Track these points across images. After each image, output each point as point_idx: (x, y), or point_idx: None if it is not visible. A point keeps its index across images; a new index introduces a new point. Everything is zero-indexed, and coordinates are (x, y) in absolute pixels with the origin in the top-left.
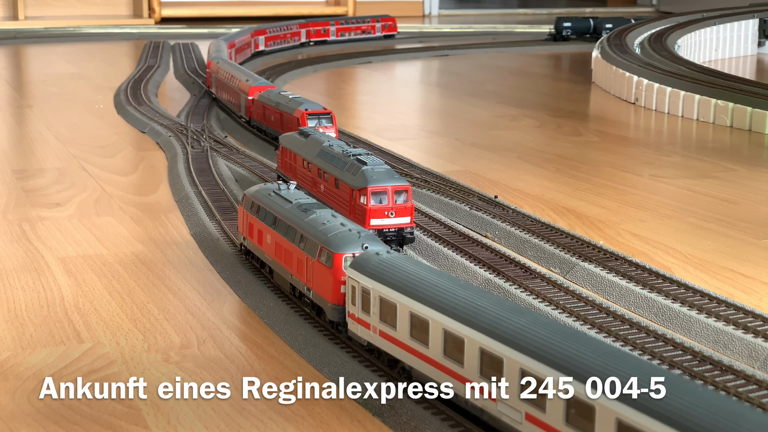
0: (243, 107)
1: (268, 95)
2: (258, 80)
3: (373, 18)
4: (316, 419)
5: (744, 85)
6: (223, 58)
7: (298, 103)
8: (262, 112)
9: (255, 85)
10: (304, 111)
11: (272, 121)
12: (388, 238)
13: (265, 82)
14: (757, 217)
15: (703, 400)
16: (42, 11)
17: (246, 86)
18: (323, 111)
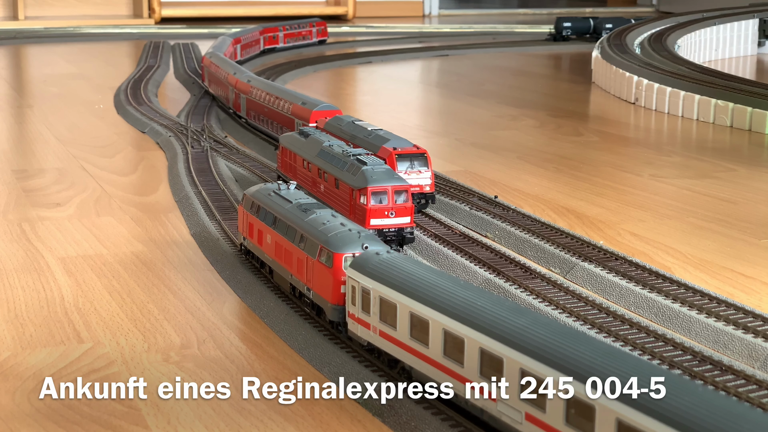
0: None
1: (339, 124)
2: (319, 103)
3: (309, 23)
4: (316, 419)
5: (744, 85)
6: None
7: (382, 139)
8: None
9: (318, 110)
10: (392, 150)
11: None
12: (388, 238)
13: (328, 106)
14: (757, 217)
15: (703, 400)
16: (42, 11)
17: (303, 110)
18: (416, 151)
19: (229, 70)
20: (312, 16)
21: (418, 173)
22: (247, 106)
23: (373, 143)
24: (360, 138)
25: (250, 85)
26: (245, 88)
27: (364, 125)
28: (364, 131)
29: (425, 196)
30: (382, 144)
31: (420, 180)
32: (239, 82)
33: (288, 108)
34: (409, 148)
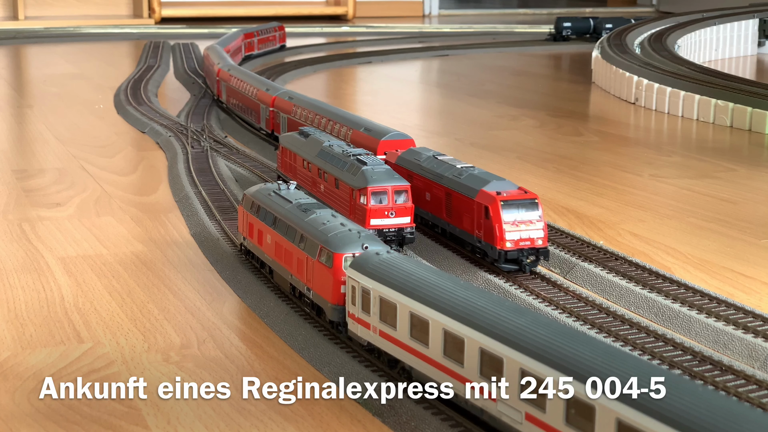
0: None
1: (417, 159)
2: (387, 131)
3: (274, 27)
4: (316, 419)
5: (744, 85)
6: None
7: (479, 180)
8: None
9: (387, 139)
10: (495, 196)
11: (430, 201)
12: (388, 238)
13: (399, 134)
14: (757, 217)
15: (703, 400)
16: (42, 11)
17: (368, 139)
18: (525, 196)
19: (259, 86)
20: (312, 16)
21: (529, 224)
22: (289, 128)
23: (467, 185)
24: (448, 178)
25: (292, 104)
26: (286, 107)
27: (449, 161)
28: (453, 169)
29: (537, 251)
30: (481, 187)
31: (532, 232)
32: (278, 101)
33: (347, 135)
34: (514, 191)
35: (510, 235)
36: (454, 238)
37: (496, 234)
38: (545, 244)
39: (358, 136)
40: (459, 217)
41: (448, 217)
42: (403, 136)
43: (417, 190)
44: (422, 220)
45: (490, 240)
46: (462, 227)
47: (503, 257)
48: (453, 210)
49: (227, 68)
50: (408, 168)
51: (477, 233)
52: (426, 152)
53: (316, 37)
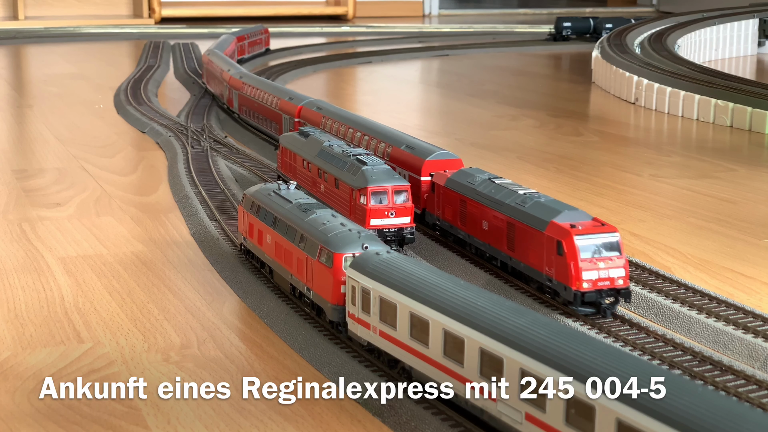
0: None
1: (471, 182)
2: (433, 150)
3: (260, 30)
4: (316, 419)
5: (744, 85)
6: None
7: (548, 210)
8: (460, 210)
9: (432, 159)
10: (569, 229)
11: (488, 231)
12: (388, 238)
13: (445, 153)
14: (757, 217)
15: (703, 400)
16: (42, 11)
17: (411, 158)
18: (603, 229)
19: (280, 95)
20: (312, 16)
21: (608, 262)
22: None
23: (535, 215)
24: (510, 206)
25: (321, 115)
26: (313, 118)
27: (509, 186)
28: (515, 196)
29: (617, 292)
30: (552, 218)
31: (611, 271)
32: (305, 111)
33: (385, 152)
34: (589, 223)
35: (587, 274)
36: (517, 273)
37: (571, 273)
38: (626, 284)
39: (399, 153)
40: (524, 251)
41: (510, 251)
42: (451, 155)
43: (471, 217)
44: (477, 251)
45: (563, 279)
46: (528, 262)
47: (579, 299)
48: (516, 242)
49: (239, 75)
50: (459, 192)
51: (547, 270)
52: (480, 174)
53: (316, 37)
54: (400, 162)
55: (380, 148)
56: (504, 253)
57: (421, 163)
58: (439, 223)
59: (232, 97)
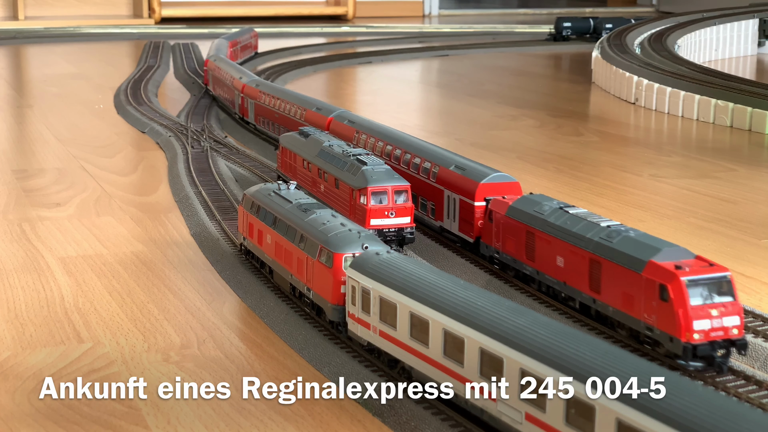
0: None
1: (540, 212)
2: (488, 172)
3: (250, 34)
4: (316, 419)
5: (744, 85)
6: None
7: (643, 247)
8: (527, 243)
9: (487, 182)
10: (675, 271)
11: (563, 268)
12: (388, 238)
13: (502, 176)
14: (757, 217)
15: (703, 400)
16: (42, 11)
17: (463, 180)
18: (712, 269)
19: (306, 106)
20: (311, 16)
21: (721, 309)
22: None
23: (628, 254)
24: (593, 241)
25: (354, 129)
26: (345, 132)
27: (586, 216)
28: (597, 229)
29: (731, 343)
30: (650, 257)
31: (725, 319)
32: (335, 124)
33: (432, 172)
34: (695, 263)
35: (699, 323)
36: (602, 318)
37: (679, 322)
38: (741, 333)
39: (448, 175)
40: (613, 293)
41: (594, 292)
42: (508, 178)
43: (541, 251)
44: (549, 289)
45: (669, 329)
46: (619, 307)
47: (690, 353)
48: (603, 283)
49: (254, 84)
50: (525, 222)
51: (647, 318)
52: (547, 202)
53: (316, 37)
54: (449, 184)
55: (425, 167)
56: (586, 295)
57: (474, 187)
58: (498, 256)
59: (247, 107)
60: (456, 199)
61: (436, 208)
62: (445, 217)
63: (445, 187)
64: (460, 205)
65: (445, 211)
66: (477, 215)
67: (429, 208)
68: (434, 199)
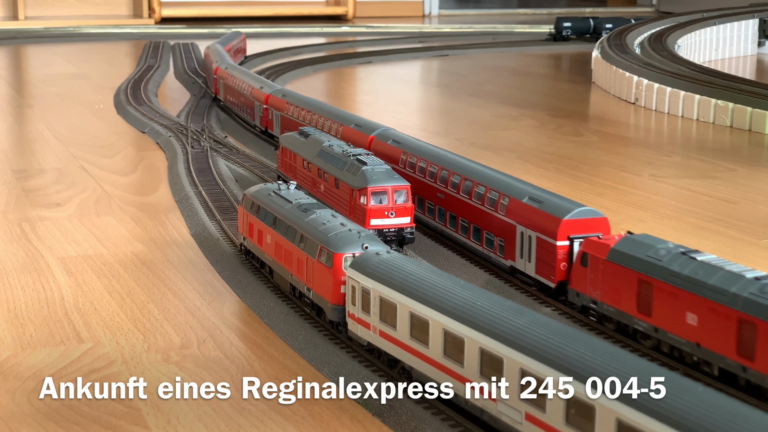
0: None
1: (657, 258)
2: (571, 207)
3: (240, 38)
4: (316, 419)
5: (744, 85)
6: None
7: None
8: (639, 294)
9: (571, 218)
10: None
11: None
12: (388, 238)
13: (589, 211)
14: (757, 217)
15: (703, 400)
16: (42, 11)
17: (541, 216)
18: None
19: (342, 122)
20: (311, 16)
21: None
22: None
23: None
24: (738, 296)
25: (400, 150)
26: (390, 153)
27: (723, 265)
28: (745, 282)
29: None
30: None
31: None
32: (377, 143)
33: (500, 205)
34: None
35: None
36: (754, 389)
37: None
38: None
39: (522, 208)
40: None
41: (744, 358)
42: (595, 213)
43: (662, 306)
44: (672, 350)
45: None
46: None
47: None
48: (759, 349)
49: (280, 94)
50: (636, 268)
51: None
52: (660, 244)
53: (316, 37)
54: (522, 218)
55: (490, 198)
56: (732, 361)
57: (555, 224)
58: (596, 306)
59: (271, 119)
60: (532, 237)
61: (505, 245)
62: (518, 257)
63: (517, 221)
64: (537, 244)
65: (518, 249)
66: (559, 256)
67: (496, 244)
68: (503, 235)
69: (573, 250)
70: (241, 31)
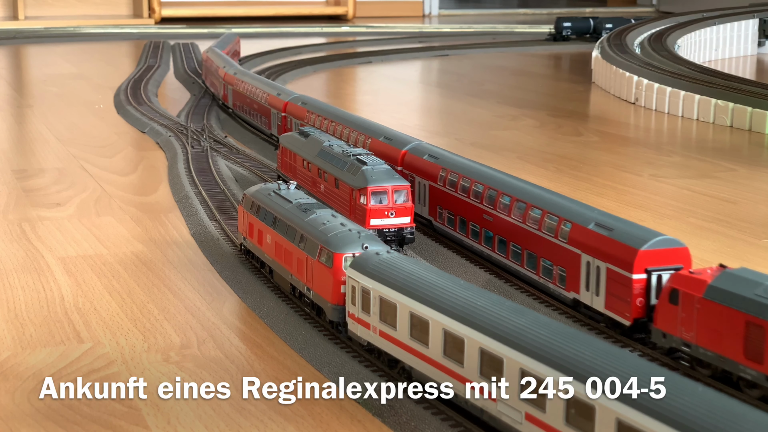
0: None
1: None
2: (647, 236)
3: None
4: (316, 419)
5: (744, 85)
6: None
7: None
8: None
9: (649, 248)
10: None
11: None
12: (388, 238)
13: (670, 241)
14: (757, 217)
15: (703, 400)
16: (42, 11)
17: (621, 247)
18: None
19: (373, 135)
20: (312, 16)
21: None
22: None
23: None
24: None
25: (438, 166)
26: (425, 168)
27: None
28: None
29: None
30: None
31: None
32: (412, 159)
33: (561, 231)
34: None
35: None
36: None
37: None
38: None
39: (588, 236)
40: None
41: None
42: (674, 242)
43: None
44: None
45: None
46: None
47: None
48: None
49: (300, 102)
50: (743, 309)
51: None
52: (764, 280)
53: (316, 37)
54: (589, 247)
55: (548, 223)
56: None
57: (631, 255)
58: (689, 350)
59: (290, 128)
60: (601, 268)
61: (567, 276)
62: (583, 289)
63: (582, 250)
64: (608, 276)
65: (583, 280)
66: (636, 291)
67: (556, 274)
68: (564, 264)
69: (651, 284)
70: (235, 32)
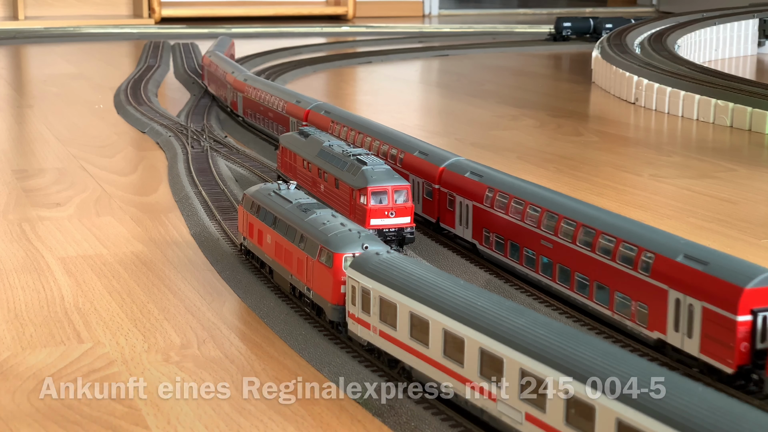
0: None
1: None
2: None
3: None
4: (316, 419)
5: (744, 85)
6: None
7: None
8: None
9: (755, 286)
10: None
11: None
12: (388, 238)
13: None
14: (757, 217)
15: (703, 400)
16: (42, 11)
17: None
18: None
19: (407, 149)
20: (312, 16)
21: None
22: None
23: None
24: None
25: (485, 186)
26: (469, 187)
27: None
28: None
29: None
30: None
31: None
32: (451, 177)
33: (642, 263)
34: None
35: None
36: None
37: None
38: None
39: (676, 269)
40: None
41: None
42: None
43: None
44: None
45: None
46: None
47: None
48: None
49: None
50: None
51: None
52: None
53: (316, 37)
54: (680, 282)
55: (624, 253)
56: None
57: (735, 294)
58: None
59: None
60: (695, 307)
61: (650, 313)
62: (671, 329)
63: (670, 285)
64: (704, 317)
65: (671, 320)
66: (740, 335)
67: (634, 310)
68: (645, 300)
69: (756, 327)
70: (230, 33)
